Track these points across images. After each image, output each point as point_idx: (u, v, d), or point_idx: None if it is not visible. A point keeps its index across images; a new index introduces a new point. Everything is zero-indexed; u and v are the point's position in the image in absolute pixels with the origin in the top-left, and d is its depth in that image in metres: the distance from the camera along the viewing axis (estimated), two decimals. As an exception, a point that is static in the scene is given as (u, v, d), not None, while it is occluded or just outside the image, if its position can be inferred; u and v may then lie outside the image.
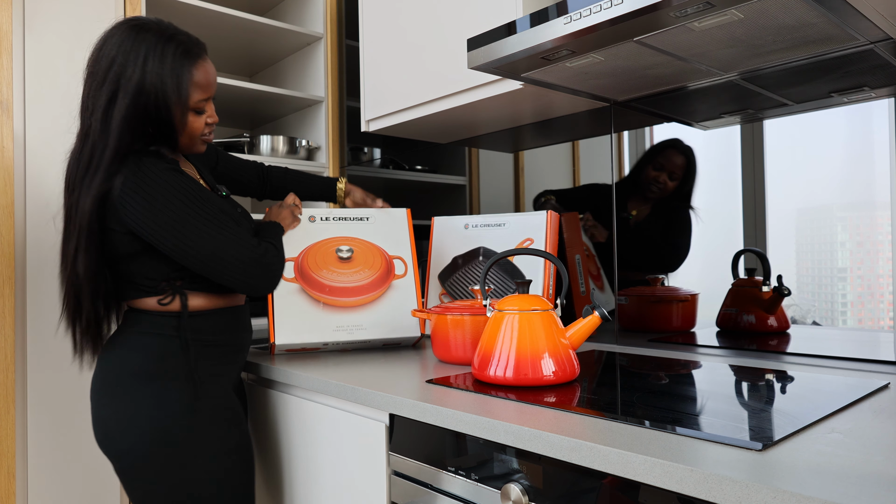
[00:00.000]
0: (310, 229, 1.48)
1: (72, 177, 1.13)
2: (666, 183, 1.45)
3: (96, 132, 1.10)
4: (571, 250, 1.64)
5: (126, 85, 1.08)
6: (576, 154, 1.66)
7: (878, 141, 1.15)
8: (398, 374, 1.21)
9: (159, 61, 1.09)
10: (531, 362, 1.04)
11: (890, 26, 1.03)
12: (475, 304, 1.33)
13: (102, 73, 1.10)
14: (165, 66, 1.09)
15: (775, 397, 0.95)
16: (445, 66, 1.52)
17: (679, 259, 1.43)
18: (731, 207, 1.35)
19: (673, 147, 1.45)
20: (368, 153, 2.24)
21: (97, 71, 1.11)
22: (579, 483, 0.79)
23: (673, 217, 1.44)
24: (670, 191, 1.45)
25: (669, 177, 1.45)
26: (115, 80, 1.09)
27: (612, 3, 0.96)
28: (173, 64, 1.10)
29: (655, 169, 1.47)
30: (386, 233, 1.52)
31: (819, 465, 0.65)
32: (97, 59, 1.12)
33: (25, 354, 1.53)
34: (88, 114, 1.12)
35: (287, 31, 2.08)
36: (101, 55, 1.11)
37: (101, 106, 1.09)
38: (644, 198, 1.49)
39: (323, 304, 1.42)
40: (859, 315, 1.18)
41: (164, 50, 1.10)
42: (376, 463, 1.10)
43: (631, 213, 1.48)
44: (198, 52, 1.15)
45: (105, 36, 1.13)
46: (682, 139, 1.44)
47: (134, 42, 1.10)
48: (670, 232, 1.44)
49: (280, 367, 1.31)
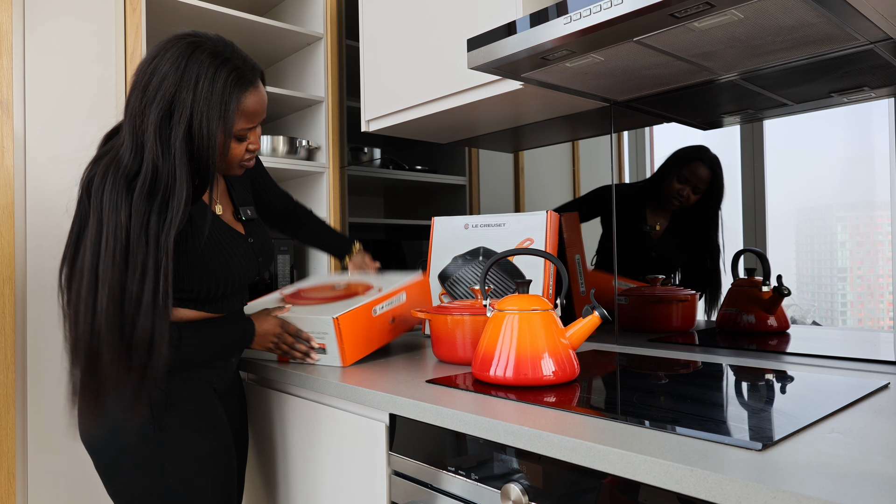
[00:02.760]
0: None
1: (134, 197, 1.02)
2: (689, 196, 1.41)
3: (157, 156, 1.03)
4: (571, 250, 1.64)
5: (181, 108, 1.03)
6: (576, 154, 1.66)
7: (878, 141, 1.15)
8: (398, 373, 1.21)
9: (209, 85, 1.04)
10: (531, 362, 1.04)
11: (890, 26, 1.03)
12: (475, 304, 1.33)
13: (154, 91, 1.04)
14: (215, 92, 1.04)
15: (775, 397, 0.95)
16: (445, 67, 1.52)
17: (705, 283, 1.39)
18: (731, 207, 1.35)
19: (698, 159, 1.40)
20: (368, 153, 2.24)
21: (148, 86, 1.05)
22: (579, 483, 0.79)
23: (699, 235, 1.39)
24: (692, 203, 1.41)
25: (693, 191, 1.41)
26: (169, 100, 1.03)
27: (612, 3, 0.96)
28: (223, 89, 1.05)
29: (680, 182, 1.43)
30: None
31: (819, 465, 0.65)
32: (149, 72, 1.05)
33: (25, 354, 1.53)
34: (140, 131, 1.04)
35: (287, 31, 2.08)
36: (153, 69, 1.05)
37: (153, 123, 1.03)
38: (664, 209, 1.45)
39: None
40: (859, 315, 1.18)
41: (217, 74, 1.05)
42: (376, 463, 1.10)
43: (655, 226, 1.44)
44: (252, 78, 1.10)
45: (160, 49, 1.07)
46: (708, 147, 1.38)
47: (188, 62, 1.04)
48: (695, 251, 1.40)
49: (280, 366, 1.31)
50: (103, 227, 1.00)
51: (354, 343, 1.29)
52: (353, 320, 1.29)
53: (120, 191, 1.01)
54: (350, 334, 1.28)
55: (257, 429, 1.43)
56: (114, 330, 0.98)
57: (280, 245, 2.16)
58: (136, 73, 1.08)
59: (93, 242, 1.00)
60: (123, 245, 0.99)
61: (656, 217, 1.46)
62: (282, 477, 1.35)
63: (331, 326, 1.26)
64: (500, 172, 1.89)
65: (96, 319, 0.98)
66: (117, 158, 1.05)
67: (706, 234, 1.38)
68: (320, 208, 2.16)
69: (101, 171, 1.03)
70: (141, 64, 1.08)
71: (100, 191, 1.01)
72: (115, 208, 1.00)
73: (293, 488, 1.31)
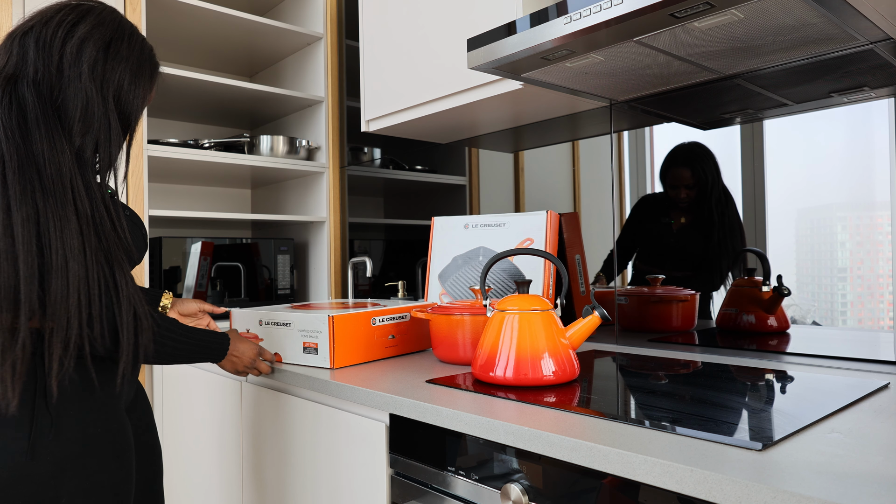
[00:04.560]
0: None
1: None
2: (688, 196, 1.43)
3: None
4: (571, 250, 1.64)
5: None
6: (576, 154, 1.66)
7: (877, 141, 1.15)
8: (398, 374, 1.21)
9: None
10: (531, 362, 1.04)
11: (890, 26, 1.03)
12: (475, 304, 1.33)
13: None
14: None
15: (775, 397, 0.95)
16: (445, 66, 1.52)
17: (721, 275, 1.36)
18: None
19: (673, 164, 1.44)
20: (368, 153, 2.24)
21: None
22: (579, 483, 0.79)
23: (713, 232, 1.39)
24: (695, 199, 1.42)
25: (687, 188, 1.43)
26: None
27: (612, 3, 0.96)
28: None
29: (673, 188, 1.45)
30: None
31: (819, 465, 0.65)
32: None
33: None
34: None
35: (287, 31, 2.08)
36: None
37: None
38: (678, 209, 1.46)
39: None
40: (859, 315, 1.18)
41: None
42: (376, 463, 1.10)
43: (680, 220, 1.43)
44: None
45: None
46: (681, 146, 1.41)
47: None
48: (711, 240, 1.39)
49: (279, 366, 1.31)
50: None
51: (346, 346, 1.29)
52: (347, 323, 1.29)
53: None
54: (343, 336, 1.28)
55: (257, 429, 1.43)
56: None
57: (280, 245, 2.16)
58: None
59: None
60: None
61: (675, 216, 1.46)
62: (282, 477, 1.35)
63: (325, 325, 1.27)
64: (500, 172, 1.89)
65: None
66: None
67: (719, 230, 1.38)
68: (320, 208, 2.16)
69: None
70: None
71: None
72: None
73: (293, 489, 1.31)
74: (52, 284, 0.85)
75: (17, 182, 0.85)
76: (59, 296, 0.86)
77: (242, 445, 1.47)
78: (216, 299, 2.01)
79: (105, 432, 0.96)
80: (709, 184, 1.39)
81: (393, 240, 2.37)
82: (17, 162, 0.86)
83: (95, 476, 0.93)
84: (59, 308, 0.86)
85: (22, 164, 0.86)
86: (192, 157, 1.85)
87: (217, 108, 2.20)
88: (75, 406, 0.92)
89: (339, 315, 1.28)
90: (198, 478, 1.67)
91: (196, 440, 1.67)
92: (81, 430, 0.92)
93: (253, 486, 1.45)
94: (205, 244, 1.99)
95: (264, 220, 2.18)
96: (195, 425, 1.68)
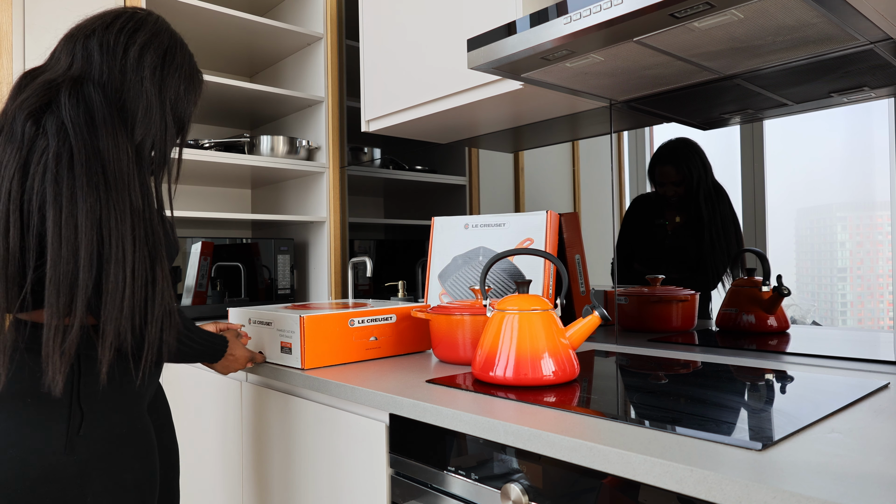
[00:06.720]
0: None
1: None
2: (676, 193, 1.43)
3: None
4: (571, 250, 1.64)
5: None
6: (576, 154, 1.66)
7: (877, 141, 1.15)
8: (398, 373, 1.21)
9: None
10: (531, 362, 1.04)
11: (890, 26, 1.03)
12: (475, 304, 1.33)
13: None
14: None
15: (775, 397, 0.95)
16: (445, 67, 1.52)
17: (717, 271, 1.36)
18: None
19: (659, 161, 1.45)
20: (368, 153, 2.24)
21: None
22: (579, 483, 0.79)
23: (703, 224, 1.39)
24: (683, 196, 1.42)
25: (674, 185, 1.43)
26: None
27: (612, 3, 0.96)
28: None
29: (661, 185, 1.46)
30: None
31: (819, 465, 0.65)
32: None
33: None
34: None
35: (287, 31, 2.08)
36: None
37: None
38: (670, 207, 1.46)
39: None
40: (859, 315, 1.18)
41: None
42: (376, 463, 1.10)
43: (675, 219, 1.43)
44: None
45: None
46: (666, 143, 1.42)
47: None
48: (704, 239, 1.39)
49: (279, 366, 1.31)
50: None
51: (317, 347, 1.29)
52: (320, 324, 1.29)
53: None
54: (314, 337, 1.28)
55: (257, 429, 1.43)
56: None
57: (280, 245, 2.16)
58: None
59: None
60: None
61: (671, 215, 1.46)
62: (282, 477, 1.35)
63: (297, 325, 1.27)
64: (500, 172, 1.89)
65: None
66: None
67: (710, 228, 1.38)
68: (320, 208, 2.16)
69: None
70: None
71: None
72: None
73: (293, 488, 1.31)
74: (109, 274, 0.89)
75: (84, 174, 0.89)
76: (118, 286, 0.90)
77: (242, 445, 1.48)
78: (216, 299, 2.01)
79: (131, 432, 0.98)
80: (694, 180, 1.39)
81: (393, 240, 2.37)
82: (84, 156, 0.90)
83: (121, 475, 0.96)
84: (115, 297, 0.90)
85: (89, 158, 0.91)
86: (193, 156, 1.85)
87: (217, 108, 2.20)
88: (104, 405, 0.96)
89: (311, 316, 1.28)
90: (198, 477, 1.67)
91: (196, 440, 1.67)
92: (108, 429, 0.95)
93: (253, 485, 1.45)
94: (205, 244, 1.99)
95: (264, 220, 2.18)
96: (195, 425, 1.68)
